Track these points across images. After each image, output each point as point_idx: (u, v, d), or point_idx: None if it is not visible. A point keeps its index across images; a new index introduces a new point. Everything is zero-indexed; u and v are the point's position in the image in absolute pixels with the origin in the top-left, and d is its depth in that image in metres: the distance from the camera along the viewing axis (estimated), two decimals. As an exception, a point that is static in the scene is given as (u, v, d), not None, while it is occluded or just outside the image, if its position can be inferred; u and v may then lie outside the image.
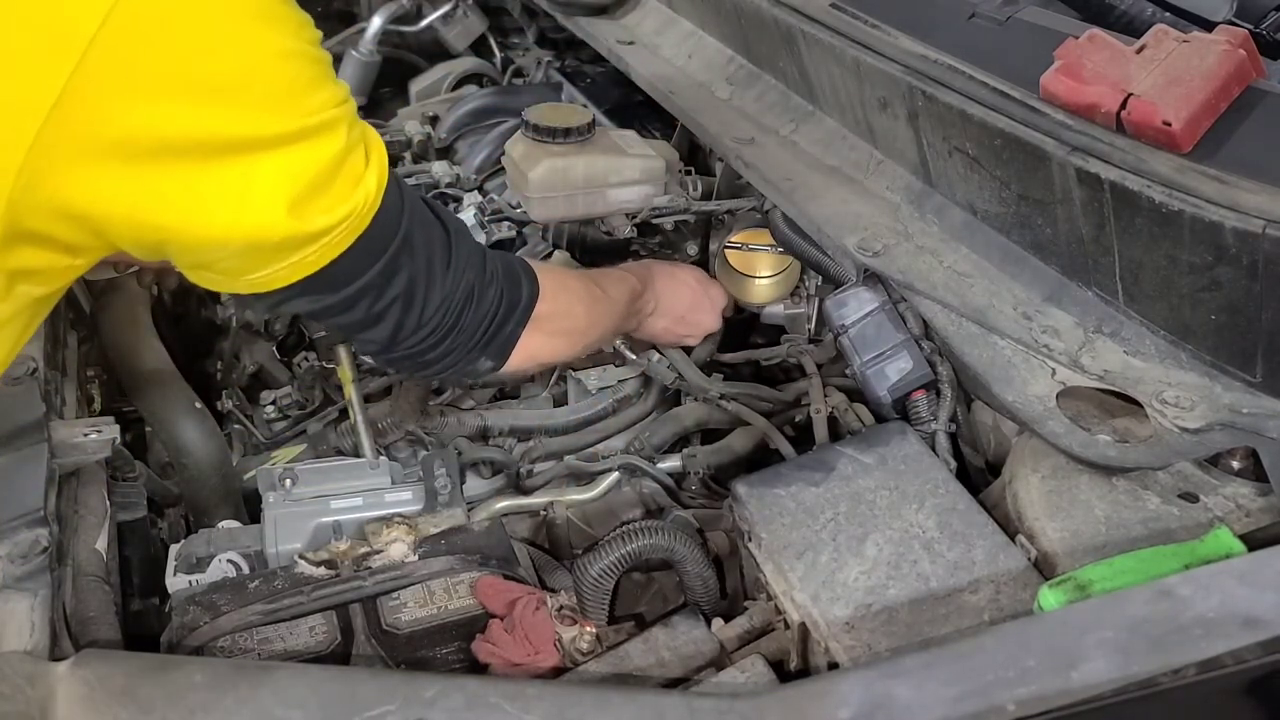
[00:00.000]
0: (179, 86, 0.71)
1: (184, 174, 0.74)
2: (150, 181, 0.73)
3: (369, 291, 0.89)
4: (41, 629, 0.84)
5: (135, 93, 0.70)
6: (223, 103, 0.73)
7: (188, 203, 0.75)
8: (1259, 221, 0.84)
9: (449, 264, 0.94)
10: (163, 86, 0.71)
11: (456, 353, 0.97)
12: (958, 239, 1.18)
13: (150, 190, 0.74)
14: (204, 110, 0.72)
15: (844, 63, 1.27)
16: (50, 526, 0.92)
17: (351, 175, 0.82)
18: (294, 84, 0.77)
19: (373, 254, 0.87)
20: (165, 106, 0.71)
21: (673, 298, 1.34)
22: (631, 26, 1.87)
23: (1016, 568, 0.93)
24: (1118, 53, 0.97)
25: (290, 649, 0.99)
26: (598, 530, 1.19)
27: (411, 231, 0.90)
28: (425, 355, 0.96)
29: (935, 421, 1.11)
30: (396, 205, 0.88)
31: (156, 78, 0.70)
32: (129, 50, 0.69)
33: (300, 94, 0.77)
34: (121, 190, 0.73)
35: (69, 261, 0.80)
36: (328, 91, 0.80)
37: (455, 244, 0.95)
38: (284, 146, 0.76)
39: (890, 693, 0.69)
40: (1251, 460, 0.94)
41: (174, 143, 0.72)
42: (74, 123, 0.69)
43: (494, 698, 0.72)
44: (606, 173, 1.46)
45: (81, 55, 0.67)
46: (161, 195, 0.74)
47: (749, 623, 1.00)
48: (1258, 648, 0.69)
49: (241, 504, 1.32)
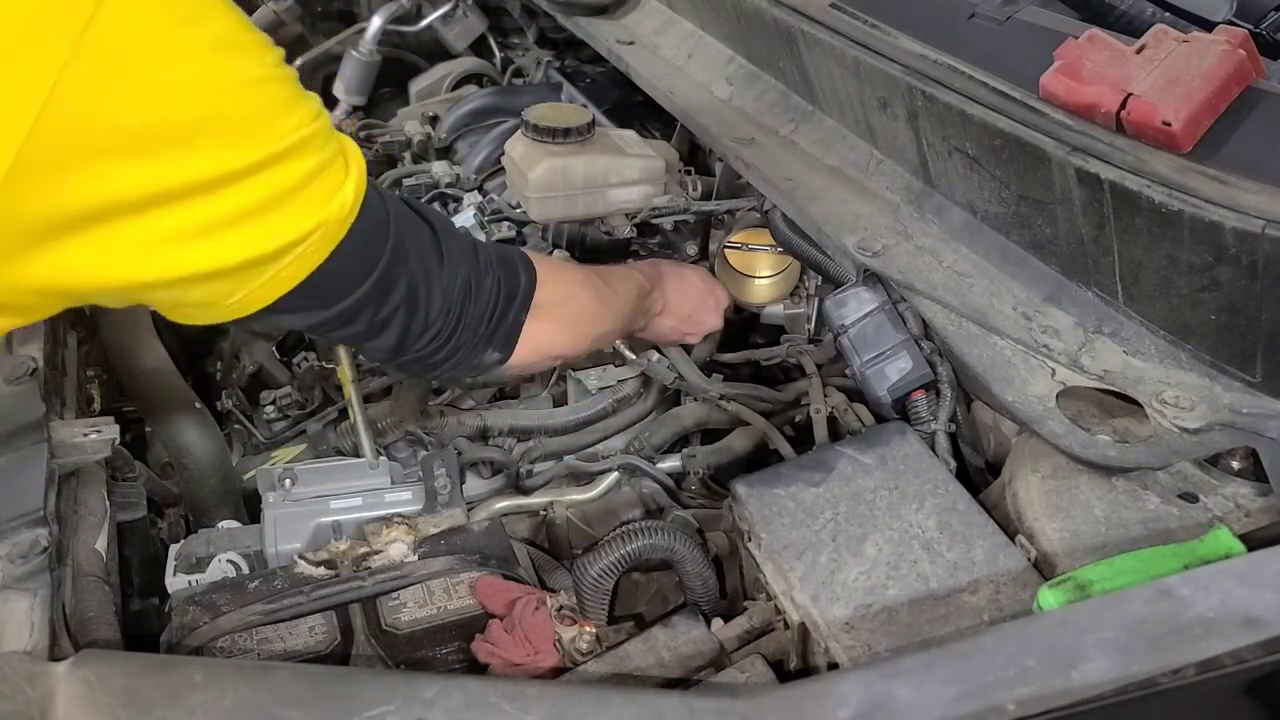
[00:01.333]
0: (139, 143, 0.67)
1: (150, 226, 0.69)
2: (116, 244, 0.69)
3: (368, 303, 0.88)
4: (41, 629, 0.84)
5: (91, 159, 0.65)
6: (186, 149, 0.69)
7: (157, 254, 0.71)
8: (1259, 221, 0.84)
9: (442, 261, 0.93)
10: (121, 147, 0.66)
11: (464, 349, 0.97)
12: (957, 239, 1.18)
13: (117, 252, 0.70)
14: (167, 161, 0.68)
15: (844, 63, 1.27)
16: (50, 526, 0.92)
17: (325, 187, 0.79)
18: (260, 113, 0.73)
19: (363, 265, 0.85)
20: (126, 166, 0.67)
21: (680, 297, 1.34)
22: (631, 26, 1.87)
23: (1016, 568, 0.93)
24: (1117, 53, 0.97)
25: (290, 649, 0.99)
26: (598, 530, 1.19)
27: (402, 238, 0.88)
28: (434, 356, 0.96)
29: (935, 421, 1.11)
30: (380, 214, 0.86)
31: (114, 139, 0.66)
32: (81, 117, 0.64)
33: (267, 122, 0.74)
34: (84, 261, 0.69)
35: (41, 310, 0.78)
36: (296, 114, 0.76)
37: (444, 240, 0.94)
38: (251, 175, 0.73)
39: (890, 693, 0.69)
40: (1251, 460, 0.94)
41: (138, 199, 0.68)
42: (26, 201, 0.64)
43: (494, 698, 0.72)
44: (606, 173, 1.46)
45: (28, 131, 0.62)
46: (128, 254, 0.70)
47: (749, 623, 1.00)
48: (1258, 648, 0.69)
49: (241, 504, 1.32)
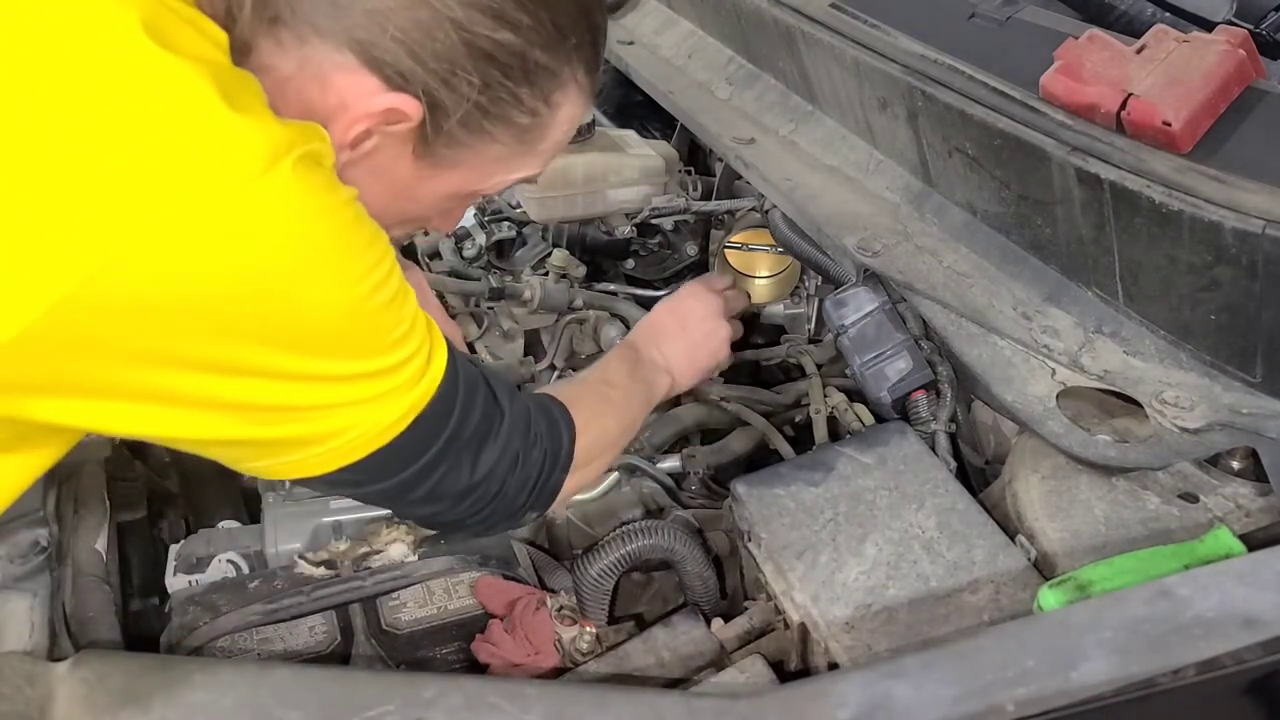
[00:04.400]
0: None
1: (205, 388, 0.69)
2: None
3: (400, 487, 0.83)
4: (41, 629, 0.84)
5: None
6: (296, 353, 0.69)
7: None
8: (1259, 221, 0.84)
9: (497, 438, 0.87)
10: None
11: (499, 513, 0.91)
12: (957, 239, 1.17)
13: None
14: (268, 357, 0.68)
15: (844, 63, 1.27)
16: (50, 526, 0.92)
17: (386, 405, 0.76)
18: (366, 333, 0.72)
19: (406, 459, 0.81)
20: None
21: (676, 348, 1.21)
22: (631, 26, 1.87)
23: (1016, 568, 0.93)
24: (1117, 53, 0.97)
25: (290, 649, 0.99)
26: (598, 530, 1.19)
27: (460, 428, 0.83)
28: (467, 521, 0.91)
29: (935, 421, 1.11)
30: (446, 403, 0.81)
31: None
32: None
33: (371, 342, 0.73)
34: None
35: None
36: (397, 331, 0.74)
37: (504, 419, 0.87)
38: (339, 383, 0.72)
39: (890, 693, 0.69)
40: (1251, 460, 0.94)
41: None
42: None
43: (494, 698, 0.73)
44: (606, 173, 1.46)
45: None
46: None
47: (749, 623, 1.00)
48: (1257, 648, 0.69)
49: (241, 504, 1.31)
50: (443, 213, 0.92)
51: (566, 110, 0.84)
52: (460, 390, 0.82)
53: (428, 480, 0.83)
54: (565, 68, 0.80)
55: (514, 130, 0.81)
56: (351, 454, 0.76)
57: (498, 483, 0.87)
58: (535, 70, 0.78)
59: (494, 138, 0.81)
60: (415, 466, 0.81)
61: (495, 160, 0.83)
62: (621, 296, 1.52)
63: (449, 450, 0.82)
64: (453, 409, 0.82)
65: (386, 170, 0.80)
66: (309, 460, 0.75)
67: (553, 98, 0.81)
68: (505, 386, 0.89)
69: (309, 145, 0.67)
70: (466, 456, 0.84)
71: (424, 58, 0.73)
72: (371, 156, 0.77)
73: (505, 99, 0.78)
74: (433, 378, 0.78)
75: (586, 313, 1.48)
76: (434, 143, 0.78)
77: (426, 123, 0.76)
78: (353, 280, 0.69)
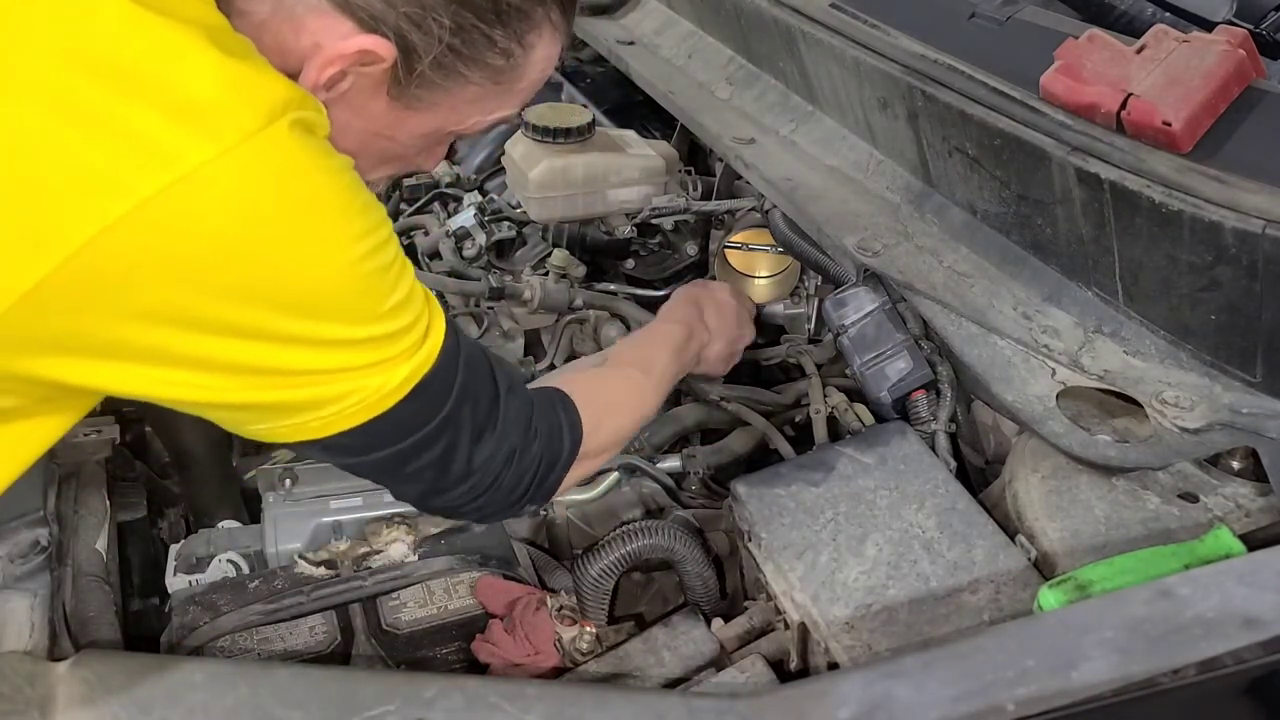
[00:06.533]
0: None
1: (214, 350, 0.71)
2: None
3: (400, 457, 0.83)
4: (41, 629, 0.84)
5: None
6: (296, 316, 0.70)
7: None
8: (1259, 221, 0.84)
9: (495, 428, 0.87)
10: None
11: (495, 504, 0.92)
12: (957, 239, 1.18)
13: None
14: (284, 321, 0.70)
15: (844, 63, 1.27)
16: (50, 526, 0.92)
17: (382, 373, 0.77)
18: (364, 297, 0.73)
19: (402, 431, 0.81)
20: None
21: (720, 321, 1.27)
22: (631, 26, 1.87)
23: (1016, 568, 0.93)
24: (1118, 53, 0.97)
25: (290, 649, 0.99)
26: (598, 530, 1.19)
27: (459, 408, 0.84)
28: (461, 508, 0.92)
29: (935, 421, 1.11)
30: (444, 379, 0.82)
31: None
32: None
33: (369, 308, 0.74)
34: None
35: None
36: (394, 296, 0.75)
37: (502, 408, 0.88)
38: (334, 348, 0.73)
39: (890, 693, 0.69)
40: (1251, 460, 0.94)
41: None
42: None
43: (494, 698, 0.73)
44: (606, 173, 1.46)
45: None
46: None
47: (749, 623, 1.00)
48: (1258, 648, 0.69)
49: (241, 504, 1.32)
50: (422, 151, 0.92)
51: (541, 50, 0.84)
52: (460, 366, 0.83)
53: (424, 454, 0.83)
54: (538, 8, 0.81)
55: (488, 71, 0.82)
56: (351, 419, 0.77)
57: (492, 475, 0.88)
58: (507, 11, 0.78)
59: (468, 79, 0.81)
60: (413, 438, 0.82)
61: (471, 101, 0.84)
62: (621, 296, 1.52)
63: (448, 426, 0.83)
64: (452, 384, 0.83)
65: (362, 110, 0.81)
66: (308, 424, 0.76)
67: (526, 38, 0.82)
68: (508, 377, 0.90)
69: (304, 111, 0.68)
70: (464, 437, 0.85)
71: (395, 0, 0.74)
72: (347, 97, 0.78)
73: (478, 40, 0.78)
74: (431, 349, 0.79)
75: (586, 313, 1.48)
76: (408, 84, 0.79)
77: (399, 64, 0.77)
78: (347, 241, 0.70)
